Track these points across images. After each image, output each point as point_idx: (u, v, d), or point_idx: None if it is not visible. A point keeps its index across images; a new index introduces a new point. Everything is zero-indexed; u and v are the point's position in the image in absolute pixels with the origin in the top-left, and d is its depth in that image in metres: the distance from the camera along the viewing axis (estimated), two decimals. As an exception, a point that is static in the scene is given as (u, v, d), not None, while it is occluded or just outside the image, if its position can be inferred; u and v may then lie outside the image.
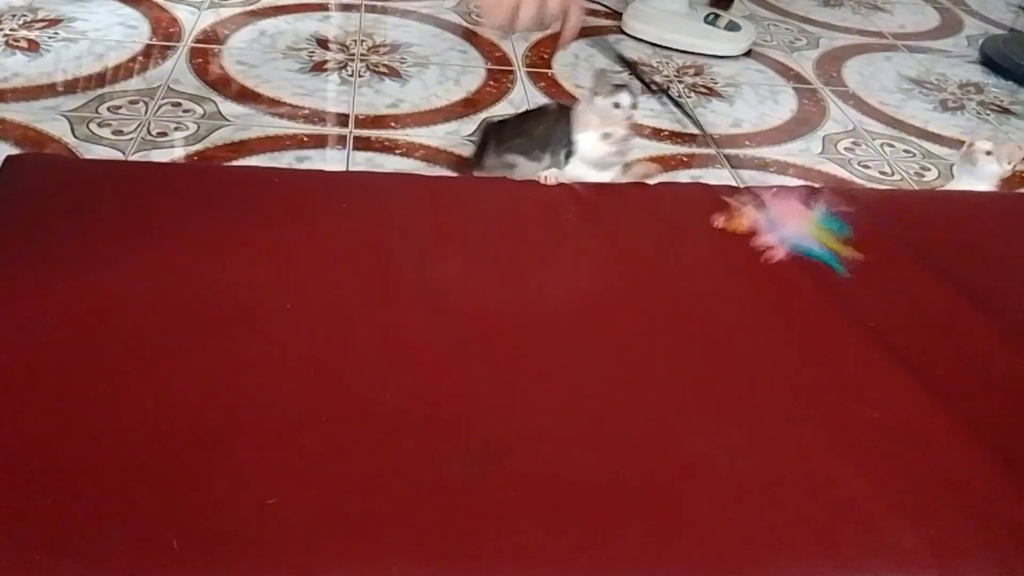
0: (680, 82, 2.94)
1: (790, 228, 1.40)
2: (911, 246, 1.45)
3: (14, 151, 2.06)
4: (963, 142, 2.07)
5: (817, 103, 2.92)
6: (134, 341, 1.09)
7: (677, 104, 2.45)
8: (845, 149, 2.66)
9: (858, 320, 1.26)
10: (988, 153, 2.03)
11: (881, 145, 2.72)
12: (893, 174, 2.56)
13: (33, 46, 2.60)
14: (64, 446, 0.94)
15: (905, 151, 2.70)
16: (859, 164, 2.59)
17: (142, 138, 2.24)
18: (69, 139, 2.19)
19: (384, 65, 2.79)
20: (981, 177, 2.03)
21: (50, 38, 2.66)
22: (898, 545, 0.95)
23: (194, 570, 0.85)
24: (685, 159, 2.49)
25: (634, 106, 1.84)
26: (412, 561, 0.89)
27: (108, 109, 2.34)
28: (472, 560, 0.90)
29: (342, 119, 2.49)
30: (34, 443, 0.94)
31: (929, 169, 2.61)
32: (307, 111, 2.47)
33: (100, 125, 2.27)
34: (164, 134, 2.27)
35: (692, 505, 0.98)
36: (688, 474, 1.01)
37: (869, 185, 2.47)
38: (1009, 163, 2.04)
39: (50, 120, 2.26)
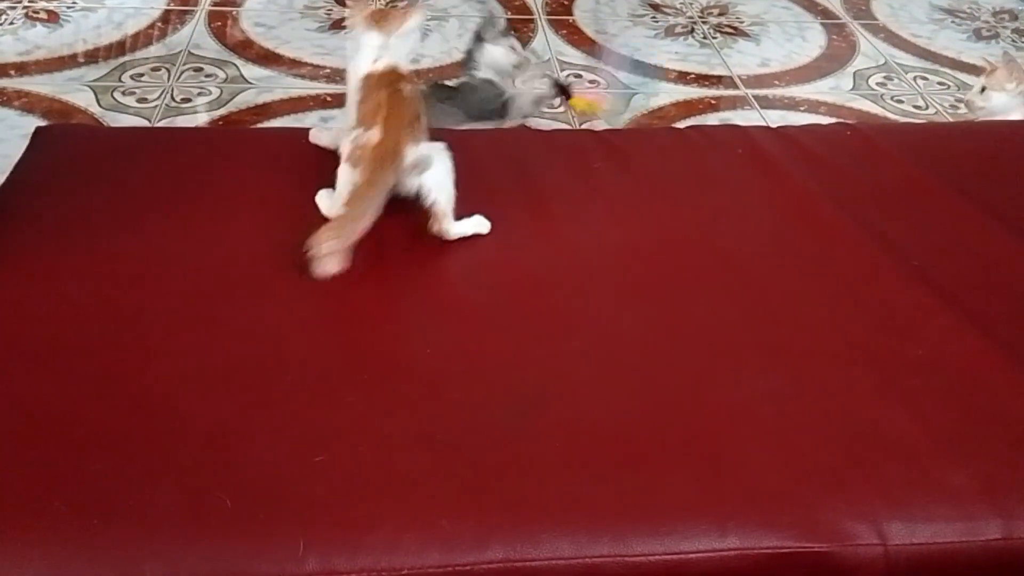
0: (704, 23, 2.88)
1: None
2: (951, 180, 1.42)
3: (42, 123, 2.07)
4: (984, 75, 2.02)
5: (846, 38, 2.85)
6: (174, 305, 1.10)
7: None
8: (877, 84, 2.60)
9: (901, 258, 1.23)
10: (983, 91, 1.97)
11: (914, 78, 2.65)
12: (927, 108, 2.50)
13: (53, 17, 2.60)
14: (113, 412, 0.95)
15: (939, 83, 2.63)
16: (892, 99, 2.53)
17: (167, 105, 2.24)
18: (95, 109, 2.19)
19: (403, 20, 2.76)
20: (998, 111, 1.97)
21: (68, 8, 2.65)
22: (949, 482, 0.94)
23: (247, 528, 0.86)
24: (713, 102, 2.44)
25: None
26: (460, 513, 0.89)
27: (131, 77, 2.34)
28: (518, 510, 0.90)
29: (364, 77, 2.47)
30: (84, 410, 0.95)
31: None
32: (328, 70, 2.45)
33: (124, 94, 2.27)
34: (188, 100, 2.26)
35: (738, 449, 0.97)
36: (733, 418, 1.00)
37: (903, 120, 2.42)
38: (1015, 83, 1.96)
39: (75, 91, 2.26)
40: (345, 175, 1.18)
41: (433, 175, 1.20)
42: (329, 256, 1.05)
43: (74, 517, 0.86)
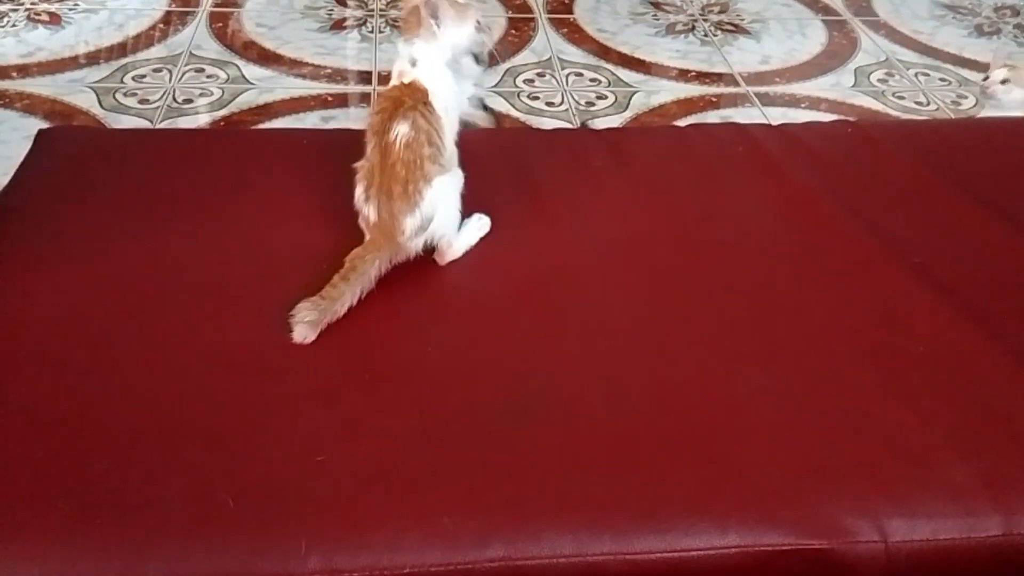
0: (705, 20, 2.88)
1: None
2: (953, 176, 1.41)
3: (44, 124, 2.07)
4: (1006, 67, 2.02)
5: (847, 35, 2.85)
6: (176, 305, 1.10)
7: None
8: (878, 81, 2.60)
9: (902, 254, 1.23)
10: (1004, 82, 1.97)
11: (915, 75, 2.65)
12: (928, 104, 2.50)
13: (55, 19, 2.60)
14: (116, 413, 0.96)
15: (940, 79, 2.63)
16: (893, 95, 2.53)
17: (168, 106, 2.24)
18: (97, 110, 2.20)
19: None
20: (1009, 107, 1.97)
21: (71, 10, 2.66)
22: (949, 479, 0.94)
23: (250, 527, 0.87)
24: (713, 99, 2.44)
25: None
26: (462, 512, 0.90)
27: (132, 78, 2.35)
28: (520, 509, 0.91)
29: (365, 76, 2.48)
30: (87, 411, 0.96)
31: (966, 97, 2.55)
32: (329, 70, 2.45)
33: (126, 95, 2.27)
34: (189, 101, 2.27)
35: (739, 446, 0.97)
36: (734, 415, 1.00)
37: (904, 117, 2.42)
38: None
39: (77, 92, 2.27)
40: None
41: (439, 220, 1.13)
42: (304, 324, 1.04)
43: (78, 517, 0.86)
